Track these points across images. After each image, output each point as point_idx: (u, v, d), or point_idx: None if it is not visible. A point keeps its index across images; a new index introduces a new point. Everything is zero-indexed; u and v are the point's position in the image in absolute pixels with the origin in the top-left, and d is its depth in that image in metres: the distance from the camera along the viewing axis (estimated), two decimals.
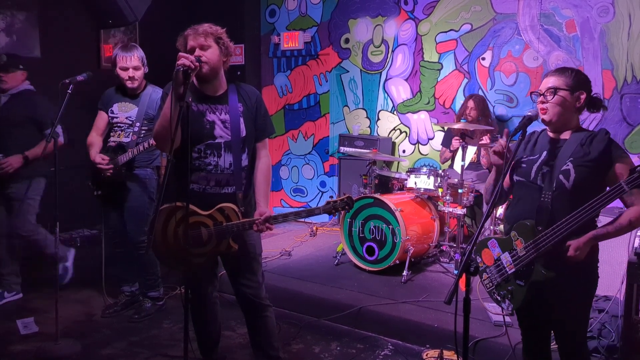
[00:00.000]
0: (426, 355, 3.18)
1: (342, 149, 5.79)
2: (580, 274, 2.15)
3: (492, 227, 4.43)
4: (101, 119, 3.73)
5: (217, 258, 2.75)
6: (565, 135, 2.23)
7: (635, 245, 2.90)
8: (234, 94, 2.63)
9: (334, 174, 6.18)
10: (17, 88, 3.92)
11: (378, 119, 5.93)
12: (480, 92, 5.25)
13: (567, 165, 2.12)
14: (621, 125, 4.59)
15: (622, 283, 3.03)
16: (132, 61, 3.56)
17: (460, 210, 4.34)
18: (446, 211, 4.45)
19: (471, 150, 4.56)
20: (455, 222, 4.53)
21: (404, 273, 4.13)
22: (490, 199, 2.19)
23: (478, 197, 4.72)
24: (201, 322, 2.86)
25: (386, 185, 5.09)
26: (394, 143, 5.85)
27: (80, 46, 5.55)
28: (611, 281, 3.17)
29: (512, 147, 2.26)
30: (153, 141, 3.43)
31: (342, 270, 4.43)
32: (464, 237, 4.47)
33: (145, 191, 3.68)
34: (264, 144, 2.73)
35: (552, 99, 2.17)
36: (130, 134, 3.63)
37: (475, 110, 4.78)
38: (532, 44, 4.95)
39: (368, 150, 5.07)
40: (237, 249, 2.58)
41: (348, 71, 6.04)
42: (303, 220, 6.04)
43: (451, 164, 4.99)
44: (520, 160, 2.29)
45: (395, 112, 5.81)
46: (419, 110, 5.66)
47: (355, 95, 6.04)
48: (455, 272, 4.34)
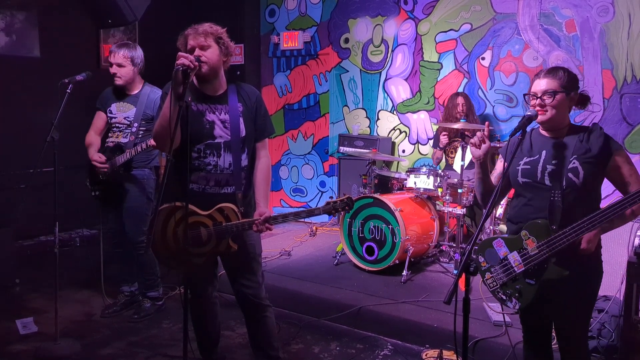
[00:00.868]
0: (426, 355, 3.18)
1: (341, 148, 5.79)
2: (587, 269, 2.19)
3: (491, 227, 4.43)
4: (99, 118, 3.72)
5: (216, 258, 2.74)
6: (560, 133, 2.26)
7: (635, 245, 2.90)
8: (233, 93, 2.62)
9: (334, 174, 6.18)
10: None
11: (378, 118, 5.93)
12: (480, 92, 5.25)
13: (574, 163, 2.16)
14: (621, 125, 4.59)
15: (622, 283, 3.03)
16: (116, 58, 3.56)
17: (459, 210, 4.34)
18: (446, 211, 4.46)
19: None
20: (455, 222, 4.53)
21: (404, 273, 4.13)
22: (490, 199, 2.19)
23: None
24: (201, 322, 2.86)
25: (386, 185, 5.09)
26: (393, 143, 5.85)
27: (80, 46, 5.55)
28: (611, 281, 3.16)
29: (511, 148, 2.27)
30: (151, 142, 3.43)
31: (342, 270, 4.43)
32: (463, 237, 4.47)
33: (143, 191, 3.68)
34: (263, 144, 2.73)
35: (552, 102, 2.19)
36: (129, 134, 3.63)
37: (465, 106, 4.82)
38: (531, 43, 4.95)
39: (368, 150, 5.07)
40: (237, 249, 2.58)
41: (348, 71, 6.04)
42: (303, 220, 6.05)
43: (447, 164, 5.00)
44: (518, 162, 2.29)
45: (395, 112, 5.81)
46: (418, 110, 5.66)
47: (355, 95, 6.04)
48: (455, 272, 4.33)
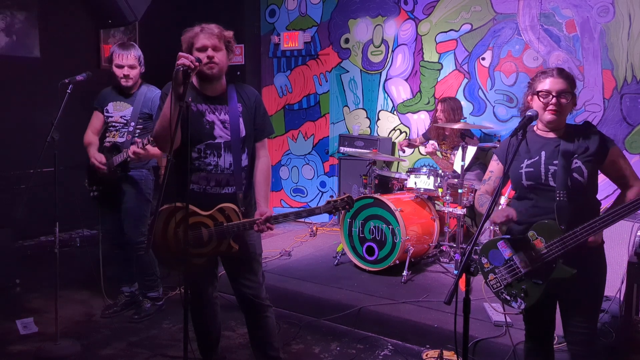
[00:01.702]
0: (426, 356, 3.18)
1: (342, 149, 5.79)
2: (592, 265, 2.21)
3: (491, 227, 4.42)
4: (97, 118, 3.72)
5: (217, 258, 2.75)
6: (559, 132, 2.27)
7: (635, 245, 2.91)
8: (233, 94, 2.63)
9: (334, 174, 6.18)
10: None
11: (378, 119, 5.93)
12: (480, 92, 5.25)
13: (576, 162, 2.18)
14: (621, 125, 4.59)
15: (622, 283, 3.03)
16: (129, 60, 3.54)
17: (460, 210, 4.34)
18: (446, 211, 4.46)
19: (471, 150, 4.55)
20: (455, 222, 4.53)
21: (404, 273, 4.13)
22: (491, 199, 2.20)
23: None
24: (201, 323, 2.86)
25: (386, 185, 5.09)
26: (394, 143, 5.85)
27: (80, 46, 5.55)
28: (611, 281, 3.15)
29: (511, 149, 2.28)
30: (146, 140, 3.42)
31: (342, 271, 4.43)
32: (463, 237, 4.47)
33: (141, 192, 3.67)
34: (263, 144, 2.73)
35: (567, 102, 2.22)
36: (125, 133, 3.61)
37: (443, 113, 4.82)
38: (532, 44, 4.95)
39: (368, 151, 5.07)
40: (238, 249, 2.58)
41: (348, 71, 6.04)
42: (303, 220, 6.06)
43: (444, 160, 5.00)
44: (519, 164, 2.29)
45: (395, 112, 5.81)
46: (419, 111, 5.66)
47: (355, 95, 6.04)
48: (455, 272, 4.34)
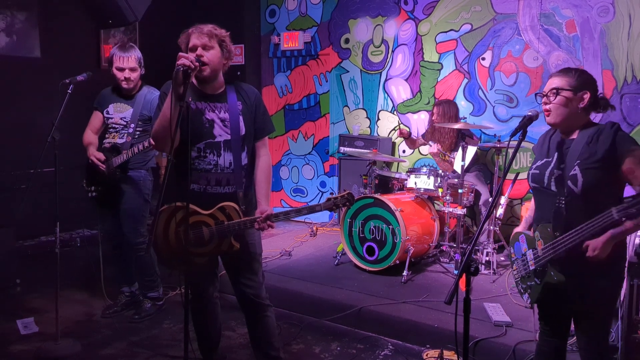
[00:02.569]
0: (426, 356, 3.18)
1: (342, 149, 5.79)
2: (605, 271, 2.11)
3: (491, 227, 4.43)
4: (96, 117, 3.72)
5: (217, 258, 2.75)
6: (573, 135, 2.20)
7: (635, 244, 2.90)
8: (232, 92, 2.62)
9: (334, 174, 6.18)
10: None
11: (378, 119, 5.93)
12: (480, 92, 5.25)
13: (574, 170, 2.10)
14: (621, 126, 4.57)
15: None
16: (129, 62, 3.54)
17: (460, 211, 4.34)
18: (446, 211, 4.46)
19: (471, 150, 4.55)
20: (455, 222, 4.53)
21: (404, 273, 4.13)
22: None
23: (478, 196, 4.72)
24: (201, 323, 2.86)
25: (386, 185, 5.10)
26: (394, 143, 5.85)
27: (80, 46, 5.55)
28: None
29: (539, 146, 2.30)
30: (147, 143, 3.43)
31: (342, 271, 4.43)
32: (463, 237, 4.47)
33: (139, 193, 3.67)
34: (263, 143, 2.73)
35: (555, 99, 2.15)
36: (125, 135, 3.61)
37: (437, 116, 4.82)
38: (532, 44, 4.95)
39: (368, 151, 5.07)
40: (239, 248, 2.58)
41: (348, 71, 6.04)
42: (304, 219, 6.06)
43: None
44: (534, 164, 2.30)
45: (395, 112, 5.81)
46: (419, 111, 5.66)
47: (355, 95, 6.04)
48: (455, 272, 4.34)
